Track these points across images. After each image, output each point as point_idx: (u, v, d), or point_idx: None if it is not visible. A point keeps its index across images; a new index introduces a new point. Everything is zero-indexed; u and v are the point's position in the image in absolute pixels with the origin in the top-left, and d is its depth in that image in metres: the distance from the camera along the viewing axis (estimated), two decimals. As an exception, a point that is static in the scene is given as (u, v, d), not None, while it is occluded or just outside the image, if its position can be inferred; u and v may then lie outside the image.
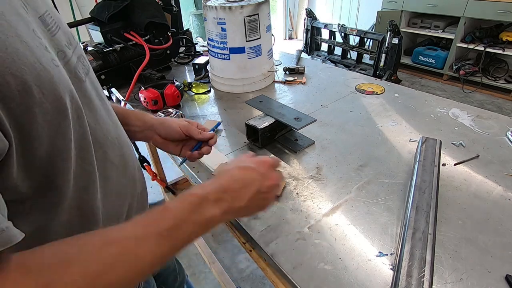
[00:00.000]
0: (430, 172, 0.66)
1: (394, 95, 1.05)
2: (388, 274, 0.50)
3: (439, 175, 0.67)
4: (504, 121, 0.87)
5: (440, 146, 0.73)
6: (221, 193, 0.41)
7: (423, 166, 0.68)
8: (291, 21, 5.45)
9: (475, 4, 3.02)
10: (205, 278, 1.58)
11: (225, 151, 0.82)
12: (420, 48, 3.64)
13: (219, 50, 1.08)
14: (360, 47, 3.50)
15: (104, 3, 1.10)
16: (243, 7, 0.99)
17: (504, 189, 0.65)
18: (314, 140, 0.83)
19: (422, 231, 0.55)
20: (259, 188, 0.44)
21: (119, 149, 0.48)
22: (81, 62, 0.43)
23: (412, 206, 0.59)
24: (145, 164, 1.53)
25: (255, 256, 0.61)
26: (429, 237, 0.53)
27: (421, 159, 0.69)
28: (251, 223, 0.61)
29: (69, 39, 0.42)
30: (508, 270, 0.49)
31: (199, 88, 1.19)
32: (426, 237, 0.54)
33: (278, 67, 1.31)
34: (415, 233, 0.54)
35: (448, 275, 0.49)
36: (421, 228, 0.55)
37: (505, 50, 3.00)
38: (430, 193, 0.61)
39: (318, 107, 1.01)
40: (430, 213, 0.58)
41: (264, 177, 0.45)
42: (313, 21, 3.83)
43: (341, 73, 1.27)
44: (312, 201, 0.65)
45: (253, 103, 0.89)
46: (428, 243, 0.52)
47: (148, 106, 1.00)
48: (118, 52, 1.14)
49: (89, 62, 0.47)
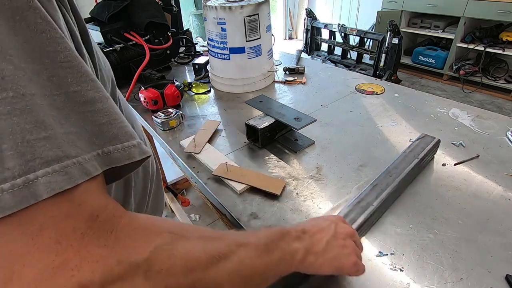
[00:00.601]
0: (408, 162, 0.67)
1: (394, 95, 1.05)
2: (389, 274, 0.50)
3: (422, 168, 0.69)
4: (504, 121, 0.87)
5: (437, 144, 0.73)
6: (301, 233, 0.42)
7: (405, 156, 0.69)
8: (291, 21, 5.45)
9: (475, 4, 3.02)
10: (205, 278, 1.58)
11: (225, 151, 0.82)
12: (420, 48, 3.64)
13: (219, 50, 1.08)
14: (360, 47, 3.51)
15: (104, 3, 1.10)
16: (243, 7, 0.99)
17: (504, 189, 0.65)
18: (314, 140, 0.83)
19: (367, 202, 0.58)
20: (335, 234, 0.44)
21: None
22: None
23: (371, 184, 0.62)
24: (145, 164, 1.54)
25: (255, 256, 0.61)
26: (371, 208, 0.56)
27: (407, 151, 0.71)
28: (251, 223, 0.61)
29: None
30: (508, 270, 0.49)
31: (199, 88, 1.19)
32: (368, 206, 0.57)
33: (278, 67, 1.31)
34: (360, 202, 0.58)
35: (448, 275, 0.49)
36: (368, 199, 0.58)
37: (505, 50, 3.01)
38: (396, 177, 0.63)
39: (318, 107, 1.01)
40: (386, 191, 0.60)
41: (338, 225, 0.46)
42: (313, 21, 3.83)
43: (341, 73, 1.27)
44: (312, 201, 0.65)
45: (253, 103, 0.89)
46: (367, 211, 0.56)
47: (148, 106, 1.00)
48: (118, 52, 1.14)
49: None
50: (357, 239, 0.47)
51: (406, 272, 0.50)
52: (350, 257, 0.43)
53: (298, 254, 0.39)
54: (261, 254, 0.35)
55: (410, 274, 0.49)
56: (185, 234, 0.31)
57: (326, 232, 0.43)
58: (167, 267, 0.27)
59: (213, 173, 0.71)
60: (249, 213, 0.63)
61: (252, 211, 0.63)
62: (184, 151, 0.82)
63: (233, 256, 0.32)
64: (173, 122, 0.93)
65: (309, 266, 0.40)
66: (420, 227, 0.57)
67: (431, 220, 0.59)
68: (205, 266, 0.29)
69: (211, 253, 0.30)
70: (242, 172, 0.72)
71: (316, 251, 0.41)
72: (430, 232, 0.56)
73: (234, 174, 0.71)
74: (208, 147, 0.83)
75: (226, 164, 0.72)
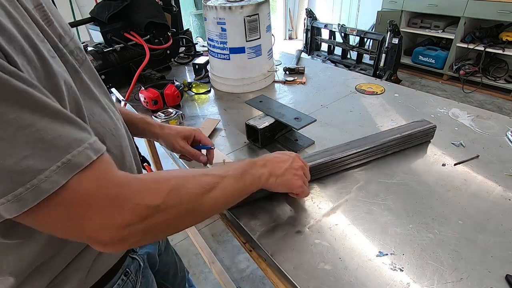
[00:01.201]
0: (390, 136, 0.74)
1: (394, 95, 1.05)
2: (389, 274, 0.50)
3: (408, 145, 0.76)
4: (504, 121, 0.87)
5: (432, 129, 0.78)
6: (265, 161, 0.56)
7: (390, 131, 0.76)
8: (291, 21, 5.45)
9: (475, 4, 3.02)
10: (205, 278, 1.58)
11: (225, 151, 0.82)
12: (420, 48, 3.64)
13: (219, 50, 1.08)
14: (360, 47, 3.50)
15: (104, 3, 1.10)
16: (243, 7, 0.99)
17: (504, 189, 0.65)
18: (314, 140, 0.83)
19: (332, 152, 0.69)
20: (291, 165, 0.58)
21: (117, 140, 0.49)
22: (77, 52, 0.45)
23: (346, 143, 0.72)
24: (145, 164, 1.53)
25: (255, 256, 0.61)
26: (331, 156, 0.68)
27: (395, 128, 0.77)
28: (251, 223, 0.61)
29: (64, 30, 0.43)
30: (508, 270, 0.49)
31: (199, 88, 1.19)
32: (329, 155, 0.69)
33: (278, 67, 1.31)
34: (327, 151, 0.70)
35: (448, 275, 0.49)
36: (334, 151, 0.70)
37: (505, 50, 3.00)
38: (371, 141, 0.72)
39: (318, 107, 1.01)
40: (352, 149, 0.70)
41: (294, 159, 0.59)
42: (313, 21, 3.83)
43: (341, 73, 1.27)
44: (312, 201, 0.65)
45: (253, 103, 0.89)
46: (326, 158, 0.68)
47: (148, 106, 1.00)
48: (118, 52, 1.14)
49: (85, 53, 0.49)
50: (306, 171, 0.61)
51: (406, 272, 0.50)
52: (299, 181, 0.58)
53: (264, 176, 0.54)
54: (238, 180, 0.49)
55: (410, 274, 0.49)
56: (184, 176, 0.44)
57: (285, 162, 0.57)
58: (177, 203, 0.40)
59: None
60: (249, 213, 0.63)
61: (252, 211, 0.63)
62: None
63: (219, 185, 0.46)
64: (173, 122, 0.93)
65: (271, 185, 0.55)
66: (420, 227, 0.57)
67: (431, 220, 0.59)
68: (201, 196, 0.43)
69: (204, 186, 0.44)
70: None
71: (277, 175, 0.55)
72: (430, 232, 0.56)
73: None
74: None
75: (224, 161, 0.73)
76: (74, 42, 0.45)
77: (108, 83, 1.15)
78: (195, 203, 0.42)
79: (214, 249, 1.68)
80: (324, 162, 0.68)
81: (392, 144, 0.74)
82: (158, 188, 0.38)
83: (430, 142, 0.80)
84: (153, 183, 0.39)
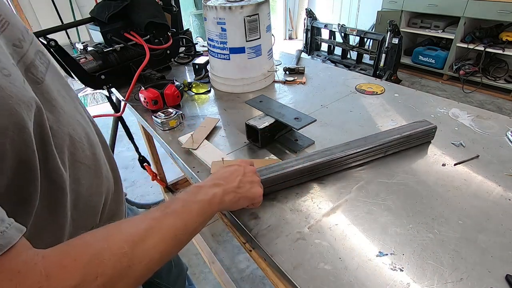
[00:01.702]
0: (390, 136, 0.73)
1: (394, 95, 1.05)
2: (389, 274, 0.50)
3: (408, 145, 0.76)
4: (504, 121, 0.87)
5: (433, 130, 0.77)
6: (215, 180, 0.50)
7: (391, 131, 0.76)
8: (291, 21, 5.45)
9: (475, 4, 3.02)
10: (205, 278, 1.58)
11: (225, 151, 0.82)
12: (420, 48, 3.64)
13: (219, 50, 1.08)
14: (360, 47, 3.51)
15: (104, 3, 1.10)
16: (243, 7, 0.99)
17: (504, 189, 0.65)
18: (314, 140, 0.83)
19: (332, 151, 0.70)
20: (243, 172, 0.54)
21: (89, 149, 0.47)
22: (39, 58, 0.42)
23: (345, 143, 0.72)
24: (145, 164, 1.53)
25: (255, 256, 0.61)
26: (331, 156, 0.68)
27: (395, 128, 0.77)
28: (251, 223, 0.61)
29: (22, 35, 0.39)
30: (508, 270, 0.49)
31: (199, 88, 1.19)
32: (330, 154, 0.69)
33: (278, 67, 1.31)
34: (326, 151, 0.70)
35: (448, 275, 0.49)
36: (334, 150, 0.70)
37: (505, 50, 3.01)
38: (371, 142, 0.72)
39: (318, 107, 1.01)
40: (352, 149, 0.70)
41: (245, 166, 0.56)
42: (313, 21, 3.83)
43: (341, 73, 1.27)
44: (312, 201, 0.65)
45: (253, 103, 0.89)
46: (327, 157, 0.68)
47: (148, 106, 1.00)
48: (118, 52, 1.14)
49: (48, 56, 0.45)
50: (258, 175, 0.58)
51: (406, 272, 0.50)
52: (258, 188, 0.55)
53: (216, 197, 0.47)
54: (180, 215, 0.42)
55: (410, 274, 0.49)
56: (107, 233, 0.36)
57: (237, 173, 0.53)
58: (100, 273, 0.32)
59: (211, 171, 0.72)
60: (249, 213, 0.63)
61: (252, 211, 0.63)
62: (182, 147, 0.82)
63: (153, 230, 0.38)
64: (173, 122, 0.93)
65: (230, 204, 0.49)
66: (420, 227, 0.57)
67: (431, 220, 0.59)
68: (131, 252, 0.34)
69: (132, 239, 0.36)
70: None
71: (233, 190, 0.50)
72: (430, 232, 0.56)
73: None
74: (205, 143, 0.83)
75: (223, 159, 0.73)
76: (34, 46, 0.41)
77: (108, 83, 1.15)
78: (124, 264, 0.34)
79: (214, 249, 1.68)
80: (324, 162, 0.68)
81: (393, 145, 0.74)
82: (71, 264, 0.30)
83: (430, 143, 0.80)
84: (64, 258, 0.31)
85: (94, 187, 0.49)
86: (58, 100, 0.42)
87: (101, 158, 0.50)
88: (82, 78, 1.07)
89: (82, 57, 1.08)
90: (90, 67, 1.09)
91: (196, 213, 0.44)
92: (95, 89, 1.21)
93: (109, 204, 0.55)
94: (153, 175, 1.53)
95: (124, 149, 2.61)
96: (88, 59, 1.09)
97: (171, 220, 0.41)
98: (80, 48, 1.11)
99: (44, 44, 0.97)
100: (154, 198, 2.11)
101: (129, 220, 0.39)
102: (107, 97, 1.25)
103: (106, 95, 1.23)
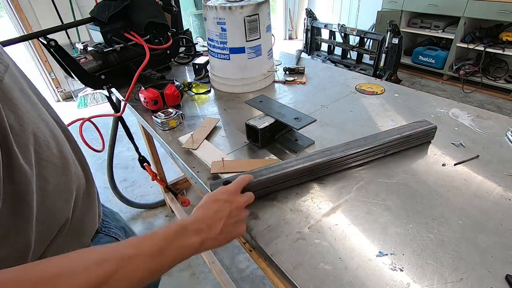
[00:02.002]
0: (390, 136, 0.74)
1: (394, 95, 1.05)
2: (389, 274, 0.50)
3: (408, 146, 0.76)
4: (504, 121, 0.87)
5: (432, 130, 0.77)
6: (199, 223, 0.48)
7: (391, 131, 0.76)
8: (291, 21, 5.45)
9: (475, 4, 3.02)
10: (205, 278, 1.58)
11: (225, 151, 0.82)
12: (420, 48, 3.64)
13: (219, 50, 1.08)
14: (360, 47, 3.51)
15: (104, 3, 1.10)
16: (243, 7, 0.99)
17: (504, 189, 0.65)
18: (314, 140, 0.83)
19: (332, 151, 0.70)
20: (229, 212, 0.51)
21: (55, 147, 0.46)
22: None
23: (345, 143, 0.72)
24: (145, 164, 1.53)
25: (255, 256, 0.61)
26: (331, 156, 0.68)
27: (395, 128, 0.77)
28: (251, 223, 0.61)
29: None
30: (508, 270, 0.49)
31: (199, 88, 1.19)
32: (330, 154, 0.69)
33: (278, 67, 1.31)
34: (326, 151, 0.70)
35: (448, 275, 0.49)
36: (334, 150, 0.70)
37: (505, 50, 3.01)
38: (371, 142, 0.71)
39: (318, 107, 1.01)
40: (352, 149, 0.70)
41: (232, 203, 0.53)
42: (313, 21, 3.83)
43: (341, 73, 1.27)
44: (312, 201, 0.65)
45: (253, 103, 0.89)
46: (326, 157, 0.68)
47: (148, 106, 1.00)
48: (118, 52, 1.14)
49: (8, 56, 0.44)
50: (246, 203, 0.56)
51: (406, 272, 0.50)
52: (241, 227, 0.53)
53: (195, 246, 0.46)
54: (154, 258, 0.40)
55: (410, 274, 0.49)
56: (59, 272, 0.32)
57: (222, 213, 0.51)
58: None
59: (211, 171, 0.72)
60: (249, 213, 0.63)
61: (252, 211, 0.63)
62: (182, 147, 0.82)
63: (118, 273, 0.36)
64: (173, 122, 0.93)
65: (208, 249, 0.48)
66: (420, 227, 0.57)
67: (431, 220, 0.59)
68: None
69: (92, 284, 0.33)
70: (238, 163, 0.74)
71: (214, 237, 0.48)
72: (430, 232, 0.56)
73: (230, 167, 0.72)
74: (205, 143, 0.83)
75: (223, 159, 0.73)
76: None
77: (108, 83, 1.15)
78: None
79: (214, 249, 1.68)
80: (324, 162, 0.68)
81: (393, 145, 0.74)
82: None
83: (430, 143, 0.80)
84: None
85: (62, 184, 0.48)
86: (20, 100, 0.42)
87: (69, 156, 0.49)
88: (82, 78, 1.07)
89: (82, 57, 1.08)
90: (90, 67, 1.09)
91: (173, 258, 0.43)
92: (95, 89, 1.21)
93: (80, 202, 0.54)
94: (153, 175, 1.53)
95: (124, 149, 2.62)
96: (88, 59, 1.09)
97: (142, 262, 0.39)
98: (80, 48, 1.11)
99: (44, 44, 0.97)
100: (154, 198, 2.11)
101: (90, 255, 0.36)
102: (107, 97, 1.25)
103: (106, 95, 1.23)
